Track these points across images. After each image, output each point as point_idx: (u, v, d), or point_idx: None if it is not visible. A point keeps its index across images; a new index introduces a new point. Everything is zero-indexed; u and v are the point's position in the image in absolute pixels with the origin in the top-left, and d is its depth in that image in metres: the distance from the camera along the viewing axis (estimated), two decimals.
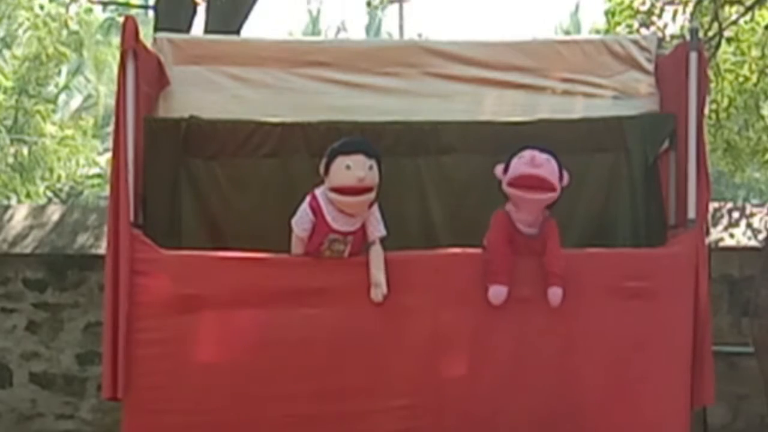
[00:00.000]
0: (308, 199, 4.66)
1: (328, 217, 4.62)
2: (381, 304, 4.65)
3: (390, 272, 4.66)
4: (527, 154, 4.65)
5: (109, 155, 5.74)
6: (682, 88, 4.95)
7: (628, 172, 5.23)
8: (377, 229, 4.69)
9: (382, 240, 4.70)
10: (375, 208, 4.69)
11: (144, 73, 4.90)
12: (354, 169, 4.53)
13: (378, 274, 4.64)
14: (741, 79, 10.05)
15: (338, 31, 27.54)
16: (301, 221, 4.66)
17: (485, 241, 4.74)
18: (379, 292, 4.63)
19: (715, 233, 7.30)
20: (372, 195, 4.61)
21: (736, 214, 7.58)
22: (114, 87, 4.95)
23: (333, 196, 4.58)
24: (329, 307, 4.67)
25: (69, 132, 18.02)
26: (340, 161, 4.56)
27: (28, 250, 7.31)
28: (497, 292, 4.66)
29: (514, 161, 4.67)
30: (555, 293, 4.67)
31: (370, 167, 4.57)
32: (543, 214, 4.74)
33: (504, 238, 4.69)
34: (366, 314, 4.67)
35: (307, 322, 4.68)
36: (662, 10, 9.58)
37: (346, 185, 4.54)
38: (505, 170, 4.70)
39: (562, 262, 4.68)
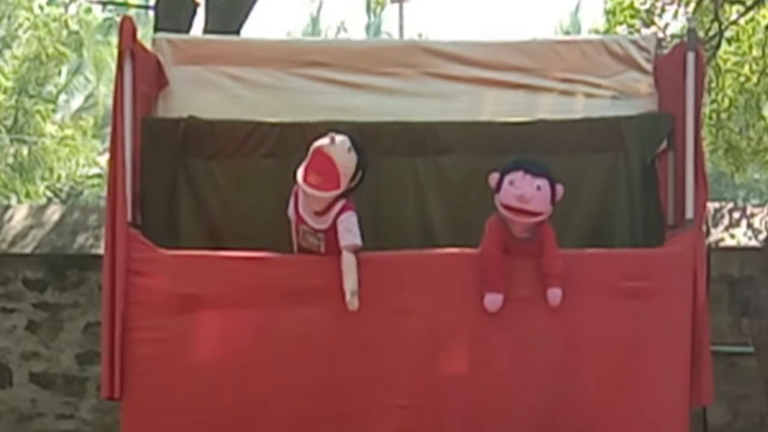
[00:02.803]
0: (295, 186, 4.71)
1: (300, 207, 4.68)
2: (380, 304, 4.64)
3: (388, 272, 4.66)
4: (518, 181, 4.60)
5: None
6: (680, 88, 4.96)
7: (626, 172, 5.22)
8: (345, 237, 4.62)
9: (358, 250, 4.63)
10: (345, 216, 4.64)
11: (142, 73, 4.91)
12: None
13: (347, 281, 4.58)
14: (742, 79, 10.03)
15: (338, 31, 27.49)
16: (288, 205, 4.76)
17: (480, 248, 4.72)
18: (355, 300, 4.59)
19: (716, 233, 7.30)
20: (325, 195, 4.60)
21: (736, 215, 7.57)
22: (113, 87, 4.94)
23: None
24: (328, 306, 4.66)
25: (69, 132, 18.02)
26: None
27: (28, 250, 7.31)
28: (493, 300, 4.66)
29: (506, 184, 4.63)
30: (554, 294, 4.67)
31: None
32: None
33: (498, 245, 4.68)
34: (365, 314, 4.65)
35: (306, 322, 4.68)
36: (663, 9, 9.57)
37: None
38: (498, 186, 4.66)
39: (560, 263, 4.68)
